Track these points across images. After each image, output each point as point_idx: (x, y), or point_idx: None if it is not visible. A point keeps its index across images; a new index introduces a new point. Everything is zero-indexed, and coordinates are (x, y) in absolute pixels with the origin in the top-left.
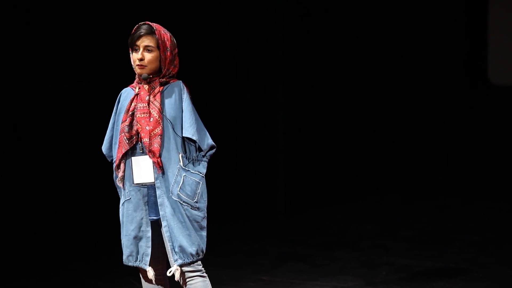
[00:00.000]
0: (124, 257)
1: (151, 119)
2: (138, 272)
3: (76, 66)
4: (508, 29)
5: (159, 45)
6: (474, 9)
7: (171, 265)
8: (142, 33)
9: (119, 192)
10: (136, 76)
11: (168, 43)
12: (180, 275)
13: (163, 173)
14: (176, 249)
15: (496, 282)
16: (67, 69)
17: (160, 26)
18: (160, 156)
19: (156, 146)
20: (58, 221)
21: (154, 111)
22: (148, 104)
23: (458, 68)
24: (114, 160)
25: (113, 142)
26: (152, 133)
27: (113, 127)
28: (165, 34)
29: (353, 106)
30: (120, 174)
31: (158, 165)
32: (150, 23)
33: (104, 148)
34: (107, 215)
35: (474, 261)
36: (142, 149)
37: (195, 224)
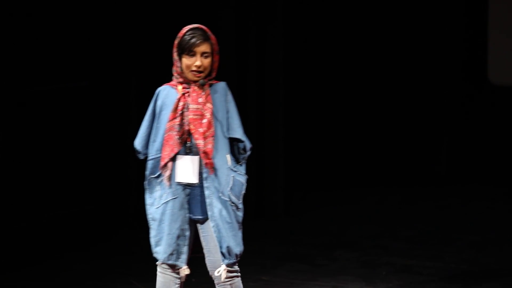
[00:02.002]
0: (165, 255)
1: (204, 120)
2: (138, 272)
3: (76, 66)
4: (508, 29)
5: (213, 50)
6: (474, 9)
7: (209, 264)
8: (199, 41)
9: (150, 190)
10: (179, 77)
11: (217, 46)
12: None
13: (214, 174)
14: (223, 250)
15: (496, 282)
16: (67, 69)
17: (207, 28)
18: (212, 157)
19: (209, 147)
20: (58, 221)
21: (208, 112)
22: (202, 106)
23: (458, 68)
24: (151, 157)
25: (151, 140)
26: (205, 134)
27: (150, 125)
28: (214, 36)
29: (353, 106)
30: (168, 172)
31: (210, 166)
32: (203, 27)
33: (139, 145)
34: (107, 215)
35: (474, 261)
36: (190, 149)
37: (238, 225)
